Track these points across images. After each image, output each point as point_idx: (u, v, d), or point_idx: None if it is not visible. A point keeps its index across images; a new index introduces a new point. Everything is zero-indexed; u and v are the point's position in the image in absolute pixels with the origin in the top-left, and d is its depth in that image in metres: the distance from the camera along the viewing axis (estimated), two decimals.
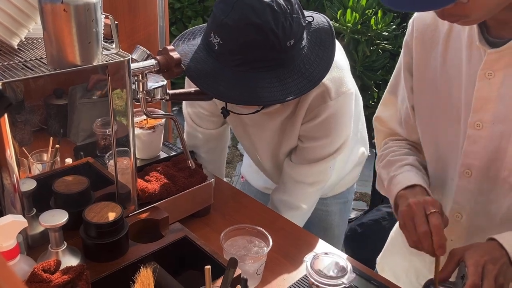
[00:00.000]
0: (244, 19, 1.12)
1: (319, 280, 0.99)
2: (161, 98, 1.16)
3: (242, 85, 1.16)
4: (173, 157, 1.35)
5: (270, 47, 1.14)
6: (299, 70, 1.20)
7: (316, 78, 1.20)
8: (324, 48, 1.25)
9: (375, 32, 3.31)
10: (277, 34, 1.13)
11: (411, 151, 1.16)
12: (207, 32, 1.21)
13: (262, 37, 1.13)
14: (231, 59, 1.17)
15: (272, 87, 1.17)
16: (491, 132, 0.96)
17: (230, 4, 1.14)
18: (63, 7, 0.87)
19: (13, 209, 0.96)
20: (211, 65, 1.18)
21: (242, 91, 1.16)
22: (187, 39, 1.29)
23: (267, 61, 1.17)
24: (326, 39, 1.26)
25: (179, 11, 3.84)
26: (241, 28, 1.12)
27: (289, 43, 1.16)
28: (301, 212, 1.49)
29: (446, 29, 1.01)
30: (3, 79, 0.87)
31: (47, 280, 0.85)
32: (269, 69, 1.17)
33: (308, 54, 1.22)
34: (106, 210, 1.02)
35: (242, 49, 1.15)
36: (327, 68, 1.22)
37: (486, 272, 0.84)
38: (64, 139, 1.02)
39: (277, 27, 1.13)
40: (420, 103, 1.10)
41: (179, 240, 1.08)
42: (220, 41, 1.16)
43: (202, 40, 1.25)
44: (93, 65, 0.95)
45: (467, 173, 1.01)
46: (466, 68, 0.97)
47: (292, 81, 1.19)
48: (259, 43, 1.14)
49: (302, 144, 1.39)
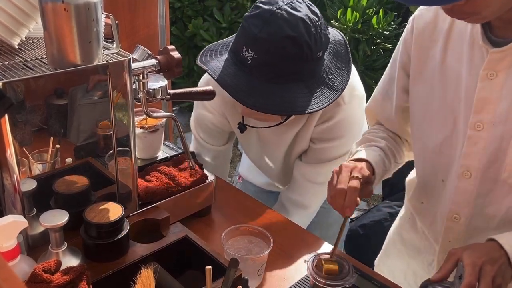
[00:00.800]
0: (279, 32, 1.17)
1: (320, 280, 0.99)
2: (161, 98, 1.16)
3: (277, 96, 1.22)
4: (173, 157, 1.35)
5: (303, 58, 1.20)
6: (323, 80, 1.27)
7: (339, 88, 1.27)
8: (341, 59, 1.31)
9: (376, 32, 3.31)
10: (310, 46, 1.19)
11: (390, 138, 1.20)
12: (237, 47, 1.25)
13: (297, 50, 1.18)
14: (265, 72, 1.21)
15: (303, 97, 1.23)
16: (491, 133, 0.95)
17: (263, 19, 1.18)
18: (64, 7, 0.87)
19: (13, 209, 0.96)
20: (245, 79, 1.23)
21: (279, 103, 1.22)
22: (213, 55, 1.32)
23: (299, 73, 1.23)
24: (341, 51, 1.32)
25: (179, 11, 3.84)
26: (276, 42, 1.17)
27: (319, 54, 1.23)
28: (309, 211, 1.53)
29: (447, 28, 1.01)
30: (4, 79, 0.86)
31: (48, 281, 0.85)
32: (300, 79, 1.23)
33: (329, 65, 1.29)
34: (107, 210, 1.02)
35: (277, 61, 1.19)
36: (347, 78, 1.29)
37: (483, 272, 0.83)
38: (65, 139, 1.02)
39: (310, 38, 1.18)
40: (415, 101, 1.10)
41: (179, 240, 1.08)
42: (254, 55, 1.20)
43: (231, 55, 1.28)
44: (93, 65, 0.95)
45: (466, 174, 1.00)
46: (467, 68, 0.97)
47: (319, 90, 1.25)
48: (294, 55, 1.19)
49: (314, 146, 1.43)
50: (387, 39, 3.42)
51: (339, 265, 1.01)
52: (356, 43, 3.33)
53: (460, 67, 0.99)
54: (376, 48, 3.40)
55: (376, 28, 3.28)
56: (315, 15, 1.22)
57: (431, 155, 1.08)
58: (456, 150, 1.02)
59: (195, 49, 3.92)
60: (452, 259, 0.89)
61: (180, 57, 1.13)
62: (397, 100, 1.15)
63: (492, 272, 0.83)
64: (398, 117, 1.17)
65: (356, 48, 3.33)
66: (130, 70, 1.01)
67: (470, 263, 0.84)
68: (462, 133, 1.00)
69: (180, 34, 3.85)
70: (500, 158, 0.96)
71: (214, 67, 1.27)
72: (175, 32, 3.81)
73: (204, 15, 3.79)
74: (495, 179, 0.98)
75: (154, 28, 2.21)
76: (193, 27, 3.70)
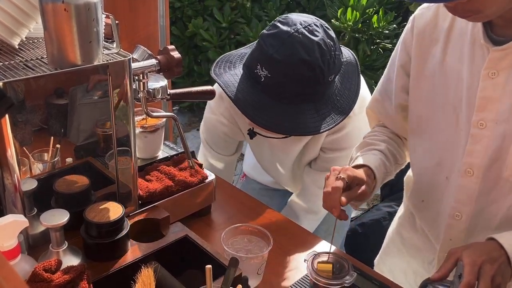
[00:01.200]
0: (294, 55, 1.19)
1: (320, 279, 0.99)
2: (161, 97, 1.16)
3: (287, 115, 1.24)
4: (173, 157, 1.35)
5: (315, 81, 1.22)
6: (332, 101, 1.29)
7: (346, 109, 1.30)
8: (350, 80, 1.34)
9: (376, 31, 3.31)
10: (323, 70, 1.21)
11: (391, 140, 1.20)
12: (252, 63, 1.27)
13: (310, 73, 1.20)
14: (277, 91, 1.24)
15: (312, 118, 1.26)
16: (494, 132, 0.95)
17: (280, 40, 1.20)
18: (64, 7, 0.87)
19: (14, 209, 0.96)
20: (257, 96, 1.25)
21: (288, 122, 1.24)
22: (227, 67, 1.34)
23: (310, 95, 1.25)
24: (352, 72, 1.35)
25: (179, 10, 3.84)
26: (291, 64, 1.19)
27: (330, 78, 1.25)
28: (318, 216, 1.57)
29: (447, 27, 1.01)
30: (4, 78, 0.87)
31: (48, 280, 0.85)
32: (309, 101, 1.26)
33: (338, 86, 1.31)
34: (107, 210, 1.02)
35: (290, 82, 1.22)
36: (354, 100, 1.32)
37: (483, 272, 0.84)
38: (65, 139, 1.02)
39: (324, 63, 1.21)
40: (416, 101, 1.10)
41: (180, 239, 1.08)
42: (268, 74, 1.22)
43: (245, 70, 1.30)
44: (94, 65, 0.95)
45: (469, 172, 1.00)
46: (468, 66, 0.97)
47: (327, 111, 1.28)
48: (306, 78, 1.21)
49: (324, 155, 1.46)
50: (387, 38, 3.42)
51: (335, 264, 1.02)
52: (356, 43, 3.33)
53: (461, 66, 0.99)
54: (376, 47, 3.40)
55: (376, 27, 3.28)
56: (331, 40, 1.24)
57: (436, 153, 1.08)
58: (459, 148, 1.02)
59: (195, 49, 3.92)
60: (452, 258, 0.89)
61: (180, 57, 1.13)
62: (396, 99, 1.15)
63: (492, 271, 0.83)
64: (398, 116, 1.18)
65: (356, 48, 3.32)
66: (130, 70, 1.01)
67: (469, 262, 0.84)
68: (464, 131, 1.00)
69: (180, 34, 3.86)
70: (502, 156, 0.96)
71: (227, 81, 1.29)
72: (175, 32, 3.81)
73: (204, 14, 3.80)
74: (497, 177, 0.98)
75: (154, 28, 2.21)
76: (193, 27, 3.70)
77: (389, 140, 1.20)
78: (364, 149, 1.16)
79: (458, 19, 0.99)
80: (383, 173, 1.11)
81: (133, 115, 1.06)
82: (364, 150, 1.16)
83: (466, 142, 1.00)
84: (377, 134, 1.22)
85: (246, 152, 1.84)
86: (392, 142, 1.20)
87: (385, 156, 1.14)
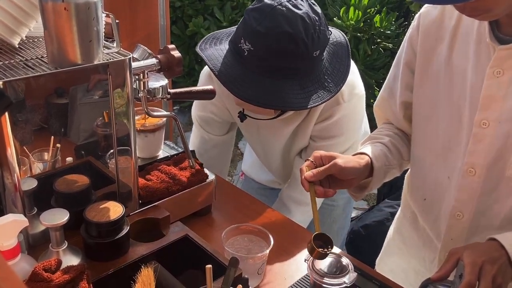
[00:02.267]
0: (277, 27, 1.18)
1: (320, 279, 0.99)
2: (162, 97, 1.16)
3: (269, 90, 1.23)
4: (174, 156, 1.35)
5: (298, 56, 1.21)
6: (319, 80, 1.27)
7: (333, 89, 1.28)
8: (340, 61, 1.32)
9: (377, 31, 3.30)
10: (307, 44, 1.19)
11: (396, 135, 1.20)
12: (236, 38, 1.26)
13: (292, 46, 1.19)
14: (259, 65, 1.23)
15: (296, 94, 1.24)
16: (497, 131, 0.95)
17: (263, 13, 1.20)
18: (64, 6, 0.87)
19: (14, 208, 0.96)
20: (239, 70, 1.24)
21: (269, 96, 1.23)
22: (213, 43, 1.34)
23: (293, 69, 1.23)
24: (342, 53, 1.33)
25: (179, 10, 3.84)
26: (273, 36, 1.18)
27: (315, 53, 1.23)
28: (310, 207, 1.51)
29: (453, 25, 1.01)
30: (4, 78, 0.86)
31: (48, 280, 0.85)
32: (293, 76, 1.24)
33: (327, 66, 1.30)
34: (107, 209, 1.02)
35: (272, 56, 1.20)
36: (343, 80, 1.30)
37: (483, 272, 0.83)
38: (65, 138, 1.02)
39: (307, 37, 1.19)
40: (420, 99, 1.10)
41: (180, 239, 1.08)
42: (250, 48, 1.21)
43: (230, 45, 1.30)
44: (94, 64, 0.95)
45: (471, 171, 1.00)
46: (473, 65, 0.97)
47: (313, 89, 1.26)
48: (289, 52, 1.20)
49: (314, 143, 1.44)
50: (388, 38, 3.42)
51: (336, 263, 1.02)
52: (356, 42, 3.33)
53: (466, 65, 0.99)
54: (377, 47, 3.40)
55: (378, 27, 3.28)
56: (315, 15, 1.23)
57: (439, 152, 1.08)
58: (461, 147, 1.02)
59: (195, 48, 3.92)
60: (453, 258, 0.89)
61: (181, 56, 1.13)
62: (401, 96, 1.15)
63: (493, 271, 0.83)
64: (403, 114, 1.17)
65: (357, 47, 3.32)
66: (131, 69, 1.01)
67: (470, 262, 0.84)
68: (467, 130, 1.00)
69: (181, 33, 3.85)
70: (505, 155, 0.96)
71: (210, 55, 1.29)
72: (175, 31, 3.81)
73: (204, 14, 3.79)
74: (499, 176, 0.98)
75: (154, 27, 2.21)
76: (194, 26, 3.70)
77: (394, 135, 1.19)
78: (367, 142, 1.17)
79: (464, 18, 0.99)
80: (383, 163, 1.10)
81: (134, 114, 1.06)
82: (367, 144, 1.16)
83: (468, 141, 0.99)
84: (382, 130, 1.22)
85: (246, 151, 1.84)
86: (397, 137, 1.20)
87: (387, 148, 1.14)
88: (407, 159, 1.21)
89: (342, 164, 1.01)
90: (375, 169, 1.08)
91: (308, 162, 1.03)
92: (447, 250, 0.94)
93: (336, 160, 1.01)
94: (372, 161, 1.08)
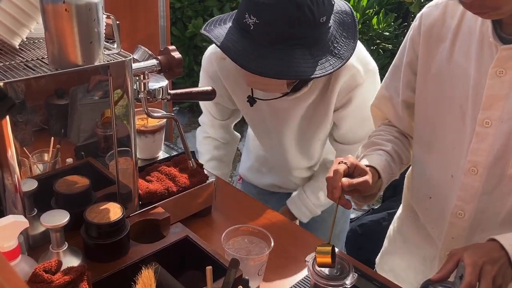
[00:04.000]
0: None
1: (321, 280, 0.99)
2: (162, 98, 1.16)
3: (281, 61, 1.20)
4: (174, 157, 1.35)
5: (305, 23, 1.19)
6: (328, 48, 1.26)
7: (345, 56, 1.26)
8: (347, 28, 1.31)
9: (376, 32, 3.31)
10: (313, 10, 1.18)
11: (397, 140, 1.19)
12: (240, 14, 1.24)
13: (299, 14, 1.17)
14: (267, 37, 1.21)
15: (306, 63, 1.22)
16: (499, 130, 0.96)
17: None
18: (65, 7, 0.87)
19: (14, 210, 0.96)
20: (247, 44, 1.22)
21: (282, 67, 1.20)
22: (217, 24, 1.33)
23: (302, 38, 1.21)
24: (347, 21, 1.32)
25: (179, 11, 3.84)
26: (278, 6, 1.17)
27: (322, 20, 1.21)
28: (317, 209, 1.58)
29: (455, 25, 1.01)
30: (5, 79, 0.86)
31: (48, 281, 0.85)
32: (302, 46, 1.22)
33: (334, 33, 1.28)
34: (107, 210, 1.02)
35: (279, 26, 1.18)
36: (353, 47, 1.28)
37: (484, 272, 0.84)
38: (65, 139, 1.02)
39: (313, 3, 1.18)
40: (422, 98, 1.10)
41: (180, 240, 1.08)
42: (256, 21, 1.19)
43: (234, 23, 1.28)
44: (94, 65, 0.95)
45: (473, 170, 1.01)
46: (476, 65, 0.97)
47: (324, 58, 1.24)
48: (296, 20, 1.18)
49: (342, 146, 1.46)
50: (387, 39, 3.42)
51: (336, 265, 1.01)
52: None
53: (468, 64, 0.99)
54: (376, 48, 3.41)
55: (376, 28, 3.29)
56: None
57: (441, 151, 1.08)
58: (464, 146, 1.02)
59: (195, 49, 3.92)
60: (453, 259, 0.89)
61: (181, 57, 1.13)
62: (402, 95, 1.15)
63: (493, 272, 0.83)
64: (404, 113, 1.17)
65: None
66: (131, 71, 1.01)
67: (470, 263, 0.84)
68: (469, 129, 1.00)
69: (180, 34, 3.86)
70: (507, 154, 0.97)
71: (217, 34, 1.27)
72: (175, 33, 3.81)
73: (204, 15, 3.79)
74: (501, 175, 0.99)
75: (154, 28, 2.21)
76: (193, 27, 3.70)
77: (395, 140, 1.19)
78: (370, 149, 1.16)
79: (467, 17, 0.99)
80: (388, 174, 1.10)
81: (134, 115, 1.06)
82: (370, 150, 1.15)
83: (471, 140, 1.00)
84: (383, 133, 1.21)
85: (243, 154, 1.83)
86: (398, 142, 1.19)
87: (391, 157, 1.13)
88: (406, 162, 1.21)
89: (371, 182, 1.01)
90: (383, 183, 1.08)
91: (345, 166, 1.00)
92: (448, 249, 0.94)
93: (367, 178, 1.00)
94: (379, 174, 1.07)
